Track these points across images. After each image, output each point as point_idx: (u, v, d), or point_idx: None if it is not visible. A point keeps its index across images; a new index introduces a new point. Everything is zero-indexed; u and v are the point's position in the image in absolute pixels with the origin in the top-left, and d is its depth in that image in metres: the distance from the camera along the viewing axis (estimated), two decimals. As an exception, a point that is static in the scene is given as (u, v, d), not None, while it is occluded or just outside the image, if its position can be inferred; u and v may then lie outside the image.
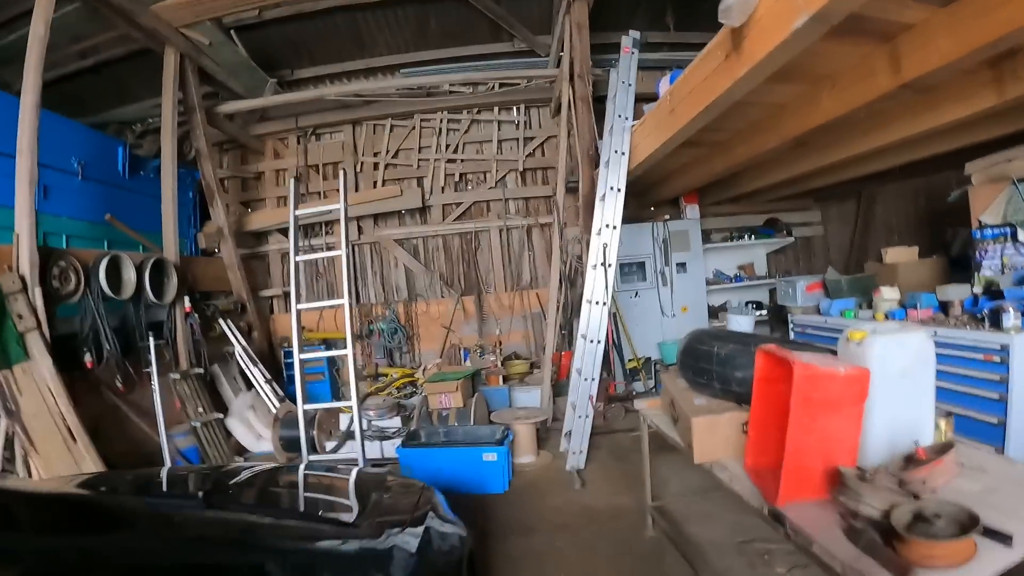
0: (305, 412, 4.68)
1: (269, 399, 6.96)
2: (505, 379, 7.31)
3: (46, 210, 6.05)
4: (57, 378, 4.87)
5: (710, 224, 9.30)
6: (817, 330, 6.25)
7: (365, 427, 6.05)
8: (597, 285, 5.48)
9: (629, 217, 5.65)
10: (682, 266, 8.67)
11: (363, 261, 9.16)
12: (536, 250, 9.09)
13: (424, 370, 7.56)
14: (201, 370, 6.56)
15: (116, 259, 5.76)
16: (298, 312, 4.53)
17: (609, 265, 5.42)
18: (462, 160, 9.10)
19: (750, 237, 9.35)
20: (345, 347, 8.48)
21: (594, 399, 5.45)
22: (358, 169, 9.09)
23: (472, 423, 5.83)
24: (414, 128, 9.05)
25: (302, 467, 3.01)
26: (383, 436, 5.79)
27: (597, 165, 7.13)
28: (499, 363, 7.58)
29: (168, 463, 5.45)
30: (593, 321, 5.44)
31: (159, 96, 6.87)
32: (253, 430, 6.70)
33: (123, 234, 6.70)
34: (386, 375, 8.20)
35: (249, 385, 7.15)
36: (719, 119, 4.60)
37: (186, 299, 6.57)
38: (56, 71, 7.82)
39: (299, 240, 4.81)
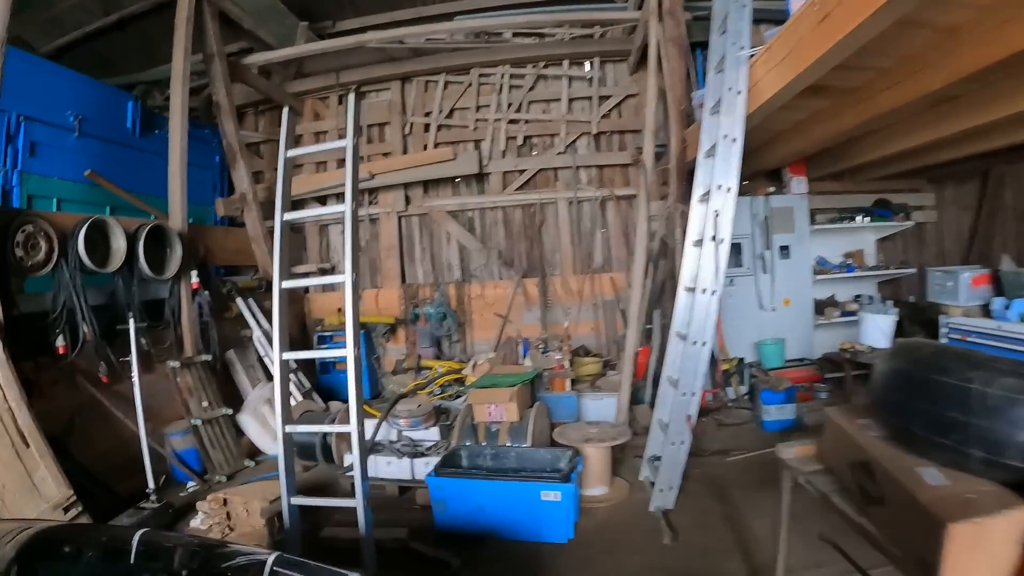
0: (291, 436, 3.39)
1: (291, 393, 5.85)
2: (573, 383, 5.91)
3: (32, 169, 5.10)
4: (8, 366, 3.82)
5: (813, 203, 7.61)
6: (985, 338, 4.63)
7: (394, 439, 4.81)
8: (703, 267, 4.01)
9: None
10: (785, 250, 7.07)
11: (410, 235, 7.93)
12: (611, 227, 7.63)
13: (475, 366, 6.27)
14: (209, 357, 5.47)
15: (101, 225, 4.68)
16: (282, 292, 3.25)
17: (721, 240, 3.94)
18: (526, 121, 7.70)
19: (862, 219, 7.63)
20: (380, 335, 7.55)
21: (693, 421, 4.02)
22: (406, 131, 7.84)
23: (529, 443, 4.49)
24: (471, 84, 7.71)
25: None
26: (415, 452, 4.54)
27: (688, 124, 5.70)
28: (566, 363, 6.19)
29: (149, 473, 4.33)
30: (697, 315, 3.98)
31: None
32: (269, 428, 5.59)
33: (130, 201, 5.65)
34: (430, 368, 6.97)
35: (270, 375, 6.03)
36: (870, 49, 3.25)
37: (193, 274, 5.46)
38: (81, 30, 6.99)
39: (289, 196, 3.53)
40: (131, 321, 4.46)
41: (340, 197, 7.57)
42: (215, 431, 5.20)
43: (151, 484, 4.32)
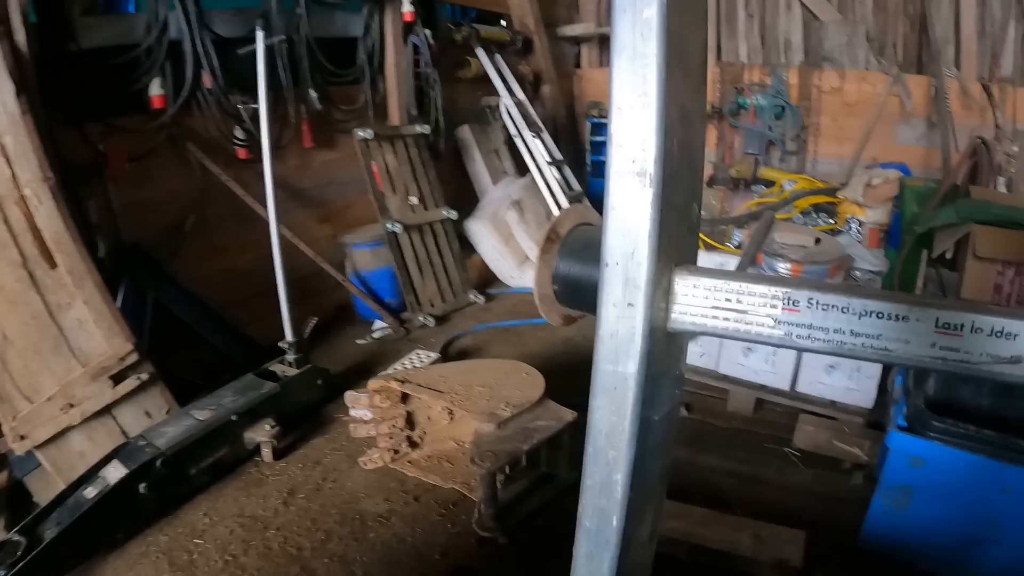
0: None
1: (553, 195, 3.50)
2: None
3: None
4: (24, 123, 1.86)
5: None
6: None
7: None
8: None
9: None
10: None
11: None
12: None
13: (868, 186, 3.28)
14: (426, 129, 3.23)
15: None
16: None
17: None
18: None
19: None
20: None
21: None
22: None
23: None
24: None
25: None
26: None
27: None
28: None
29: (286, 313, 2.26)
30: None
31: None
32: (514, 245, 3.40)
33: None
34: (770, 183, 4.11)
35: (523, 168, 3.69)
36: None
37: (406, 1, 3.11)
38: None
39: None
40: (259, 37, 2.19)
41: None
42: (427, 245, 3.03)
43: (288, 333, 2.30)
